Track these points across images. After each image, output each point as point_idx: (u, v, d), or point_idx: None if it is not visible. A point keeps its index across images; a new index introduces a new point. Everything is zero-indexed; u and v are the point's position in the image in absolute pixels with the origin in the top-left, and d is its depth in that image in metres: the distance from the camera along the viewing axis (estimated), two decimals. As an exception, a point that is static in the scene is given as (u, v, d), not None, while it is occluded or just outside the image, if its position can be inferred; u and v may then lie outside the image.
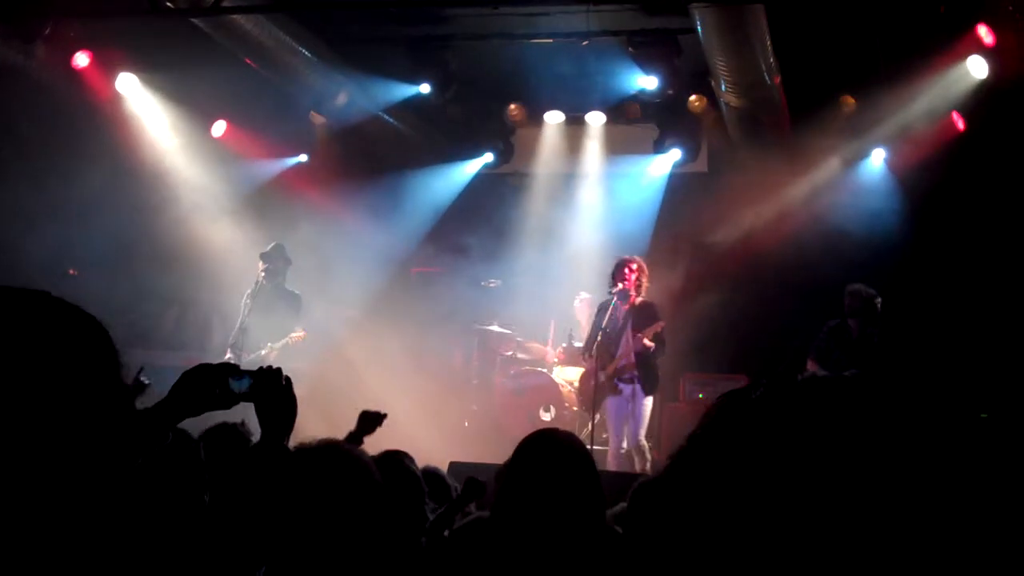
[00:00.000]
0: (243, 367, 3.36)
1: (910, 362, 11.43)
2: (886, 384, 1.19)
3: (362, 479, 3.20)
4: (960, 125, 13.29)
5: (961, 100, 12.78)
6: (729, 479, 1.15)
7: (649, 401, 11.40)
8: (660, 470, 1.25)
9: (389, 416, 6.34)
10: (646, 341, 11.20)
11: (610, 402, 11.42)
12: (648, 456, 11.26)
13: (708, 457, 1.19)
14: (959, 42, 12.12)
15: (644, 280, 11.50)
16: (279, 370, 3.40)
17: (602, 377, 11.33)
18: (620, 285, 11.35)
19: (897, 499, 1.10)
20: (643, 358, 11.32)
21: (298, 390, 3.43)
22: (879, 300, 11.73)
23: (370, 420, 6.05)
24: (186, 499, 4.13)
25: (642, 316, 11.41)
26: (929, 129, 13.25)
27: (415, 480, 4.55)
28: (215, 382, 3.13)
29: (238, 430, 5.84)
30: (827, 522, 1.10)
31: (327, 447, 3.30)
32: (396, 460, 4.57)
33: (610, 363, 11.37)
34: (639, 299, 11.50)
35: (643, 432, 11.33)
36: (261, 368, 3.37)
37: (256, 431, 4.29)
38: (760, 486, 1.13)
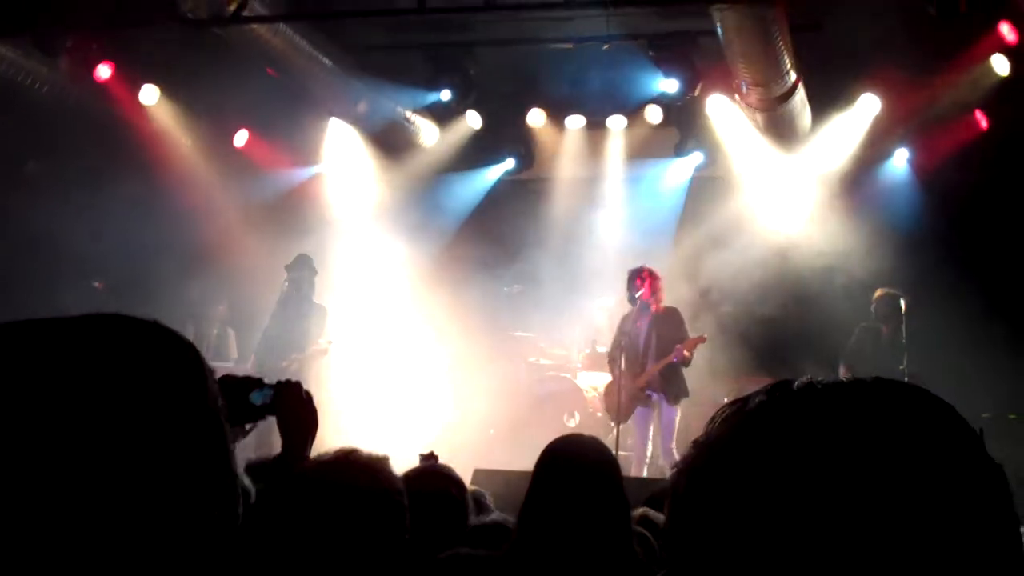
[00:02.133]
0: (267, 377, 3.35)
1: (934, 363, 11.37)
2: (889, 389, 1.18)
3: (378, 488, 3.18)
4: (983, 123, 13.24)
5: (984, 98, 12.74)
6: (728, 487, 1.15)
7: (677, 411, 11.37)
8: (668, 478, 1.25)
9: (414, 423, 6.31)
10: (686, 352, 11.19)
11: (638, 412, 11.39)
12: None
13: (710, 465, 1.18)
14: (982, 40, 12.08)
15: (659, 286, 11.48)
16: (298, 383, 3.39)
17: (631, 388, 11.30)
18: (637, 294, 11.35)
19: (897, 509, 1.09)
20: (669, 368, 11.29)
21: (321, 399, 3.43)
22: (903, 300, 11.70)
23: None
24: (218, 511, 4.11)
25: (666, 324, 11.39)
26: (952, 128, 13.21)
27: (458, 487, 4.50)
28: (237, 395, 3.12)
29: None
30: (820, 531, 1.09)
31: (343, 457, 3.27)
32: (438, 471, 4.53)
33: (640, 374, 11.34)
34: (660, 307, 11.48)
35: (673, 442, 11.28)
36: (280, 381, 3.36)
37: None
38: (756, 493, 1.12)
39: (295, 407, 3.34)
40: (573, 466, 3.75)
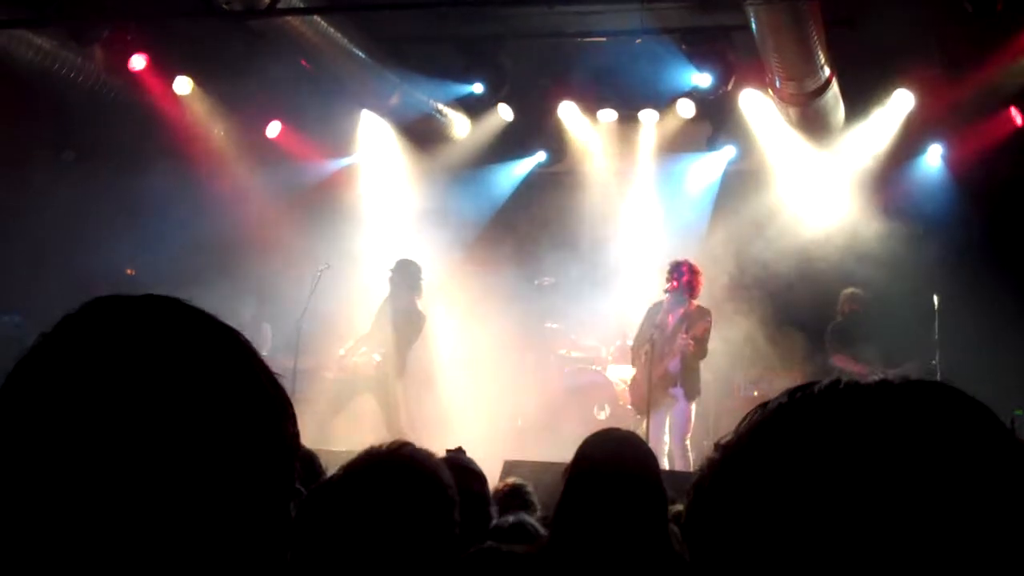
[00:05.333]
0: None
1: (967, 359, 11.32)
2: (916, 388, 1.16)
3: (433, 484, 3.15)
4: (1018, 120, 13.16)
5: (1018, 95, 12.67)
6: (744, 487, 1.15)
7: (691, 407, 11.35)
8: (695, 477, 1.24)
9: (444, 414, 6.29)
10: (691, 342, 11.11)
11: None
12: (690, 456, 11.17)
13: (728, 465, 1.18)
14: (1017, 37, 12.01)
15: (697, 282, 11.40)
16: None
17: (653, 379, 11.26)
18: (668, 286, 11.31)
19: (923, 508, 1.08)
20: (685, 363, 11.24)
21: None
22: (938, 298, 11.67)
23: None
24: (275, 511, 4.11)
25: (696, 322, 11.32)
26: (986, 124, 13.14)
27: (479, 481, 4.51)
28: None
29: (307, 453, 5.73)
30: (834, 532, 1.09)
31: (398, 454, 3.22)
32: (455, 464, 4.53)
33: (661, 365, 11.29)
34: (695, 304, 11.41)
35: (687, 439, 11.26)
36: None
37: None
38: (770, 494, 1.12)
39: None
40: (613, 458, 3.72)
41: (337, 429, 11.63)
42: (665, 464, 11.12)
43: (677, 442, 11.24)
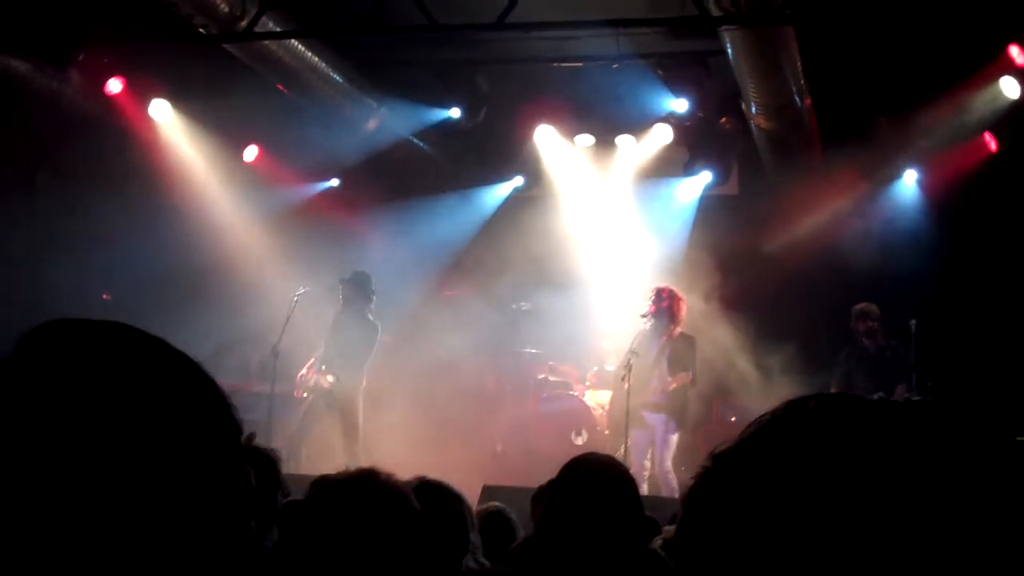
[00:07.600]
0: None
1: (944, 384, 11.34)
2: (910, 407, 1.17)
3: (398, 508, 3.16)
4: (992, 146, 13.24)
5: (994, 120, 12.74)
6: (735, 494, 1.15)
7: (676, 433, 11.34)
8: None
9: (422, 440, 6.29)
10: (672, 385, 11.17)
11: (637, 433, 11.33)
12: (674, 482, 11.15)
13: (720, 473, 1.19)
14: (992, 63, 12.09)
15: (678, 308, 11.41)
16: None
17: (630, 406, 11.24)
18: (646, 313, 11.34)
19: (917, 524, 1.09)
20: (672, 394, 11.26)
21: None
22: (913, 322, 11.65)
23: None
24: (234, 525, 4.10)
25: (677, 351, 11.32)
26: (961, 150, 13.21)
27: (457, 501, 4.50)
28: None
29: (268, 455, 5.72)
30: (820, 539, 1.09)
31: (361, 478, 3.25)
32: (434, 485, 4.53)
33: (642, 392, 11.28)
34: (677, 331, 11.42)
35: (668, 459, 11.24)
36: None
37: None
38: (761, 501, 1.12)
39: None
40: (592, 483, 3.73)
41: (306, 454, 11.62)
42: (644, 489, 11.10)
43: (660, 467, 11.21)
